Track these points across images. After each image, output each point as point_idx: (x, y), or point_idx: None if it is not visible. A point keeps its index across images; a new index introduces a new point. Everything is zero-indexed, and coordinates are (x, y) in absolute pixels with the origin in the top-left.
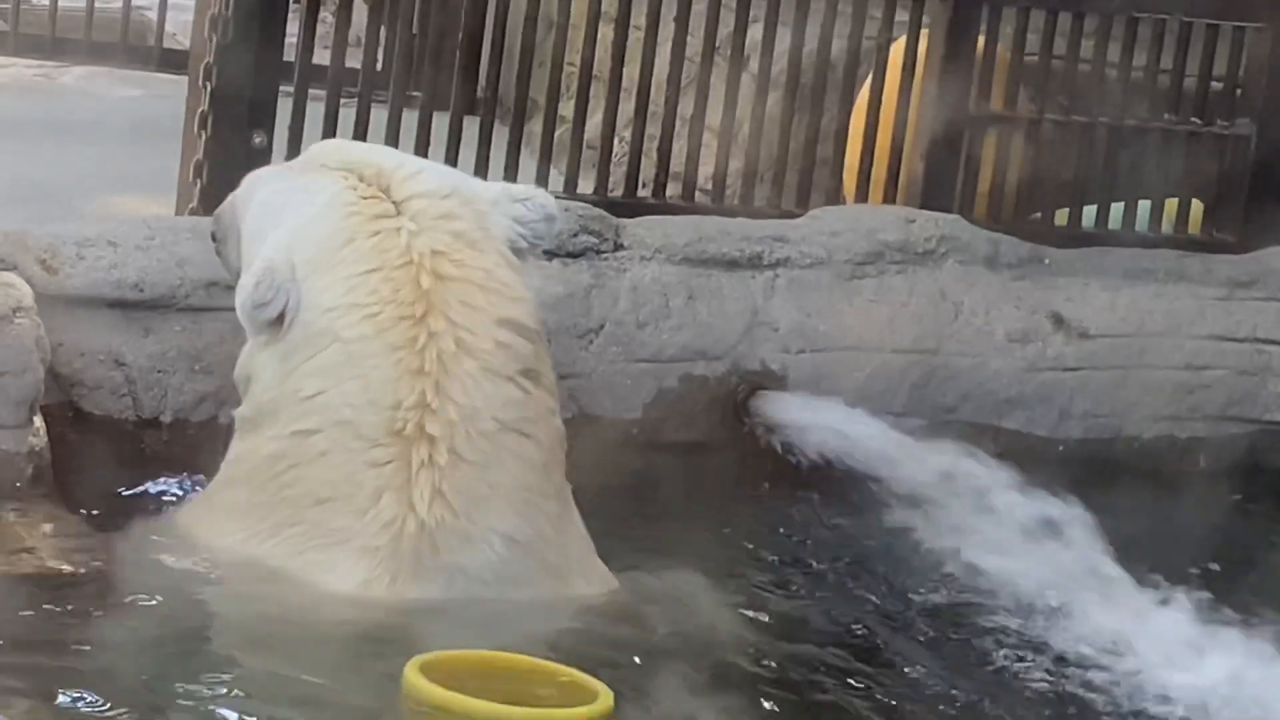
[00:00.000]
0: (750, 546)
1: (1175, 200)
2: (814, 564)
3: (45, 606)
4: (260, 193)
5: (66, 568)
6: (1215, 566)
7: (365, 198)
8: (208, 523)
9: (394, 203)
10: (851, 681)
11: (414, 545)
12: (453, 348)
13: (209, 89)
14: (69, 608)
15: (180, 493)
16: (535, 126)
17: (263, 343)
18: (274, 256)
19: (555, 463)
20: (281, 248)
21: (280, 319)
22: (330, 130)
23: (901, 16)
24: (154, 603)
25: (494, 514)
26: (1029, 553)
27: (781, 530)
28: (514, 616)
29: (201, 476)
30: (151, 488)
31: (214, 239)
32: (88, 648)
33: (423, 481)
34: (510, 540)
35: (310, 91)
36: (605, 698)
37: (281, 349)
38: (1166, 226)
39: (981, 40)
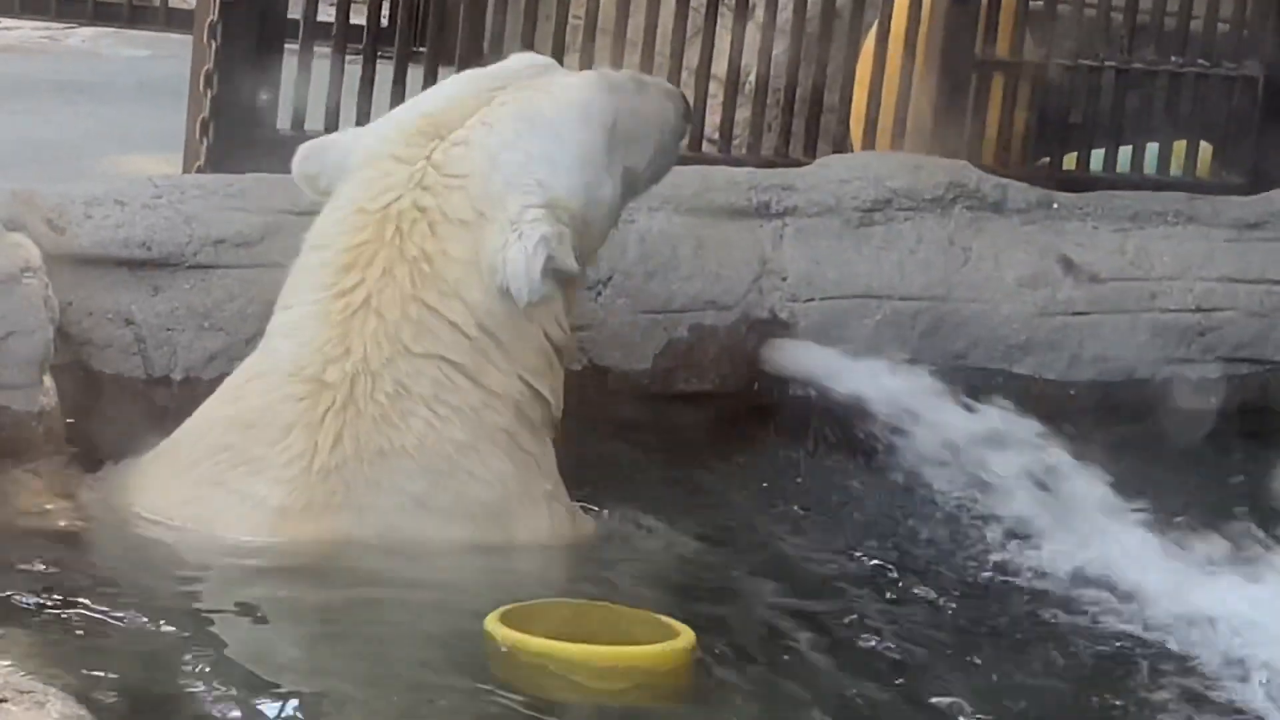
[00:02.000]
0: (756, 494)
1: (1183, 143)
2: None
3: (49, 560)
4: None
5: (71, 525)
6: (1229, 507)
7: (416, 132)
8: (168, 448)
9: (426, 159)
10: (825, 629)
11: (323, 480)
12: (358, 304)
13: (214, 47)
14: (75, 561)
15: None
16: None
17: None
18: (344, 132)
19: (492, 453)
20: (368, 128)
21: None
22: (336, 86)
23: None
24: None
25: (400, 472)
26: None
27: (786, 479)
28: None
29: None
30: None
31: None
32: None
33: (329, 424)
34: (420, 502)
35: (315, 49)
36: (686, 635)
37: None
38: (1175, 169)
39: None
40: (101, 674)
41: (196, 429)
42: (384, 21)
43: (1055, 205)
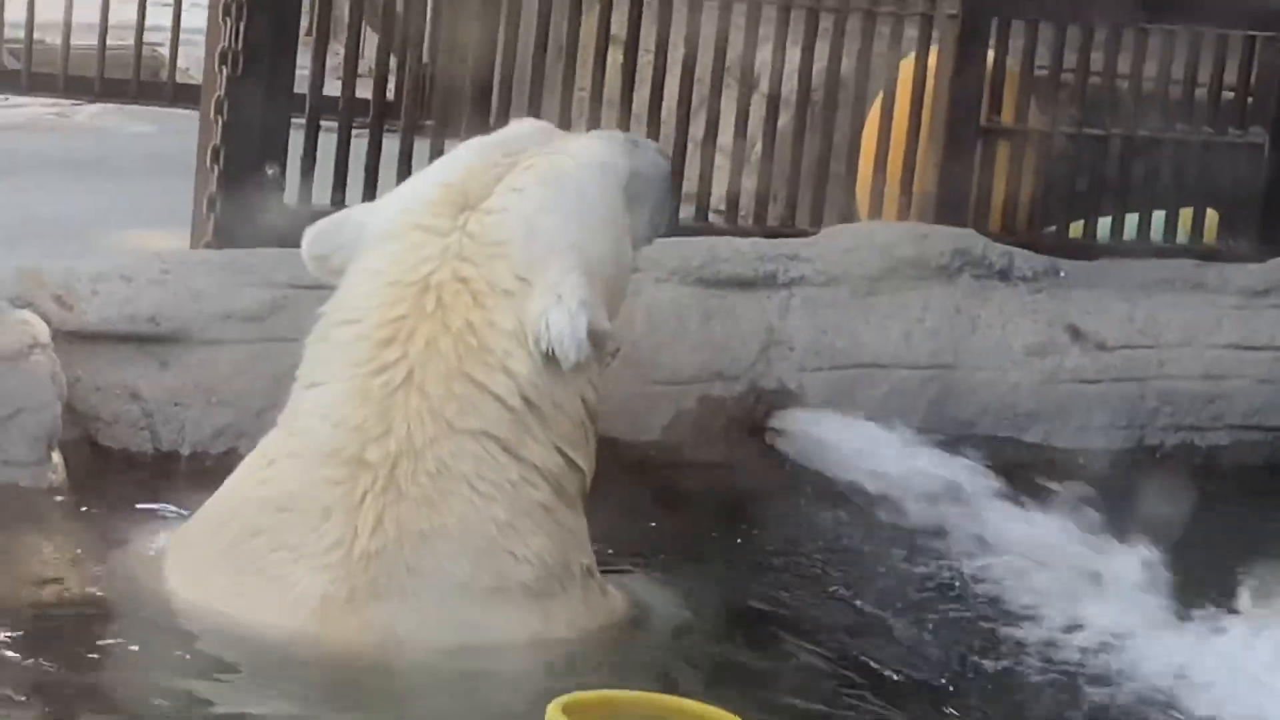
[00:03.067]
0: (765, 560)
1: (1190, 210)
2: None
3: (66, 637)
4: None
5: (88, 597)
6: (1240, 573)
7: (440, 202)
8: (197, 530)
9: (455, 225)
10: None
11: (364, 566)
12: (400, 380)
13: (221, 122)
14: (94, 636)
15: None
16: None
17: None
18: (353, 208)
19: (531, 530)
20: (379, 203)
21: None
22: (342, 161)
23: (911, 33)
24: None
25: (442, 555)
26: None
27: (798, 544)
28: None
29: None
30: (171, 521)
31: None
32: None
33: (367, 508)
34: (462, 587)
35: (322, 123)
36: None
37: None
38: (1182, 236)
39: (991, 54)
40: None
41: (227, 510)
42: (390, 95)
43: (1062, 273)
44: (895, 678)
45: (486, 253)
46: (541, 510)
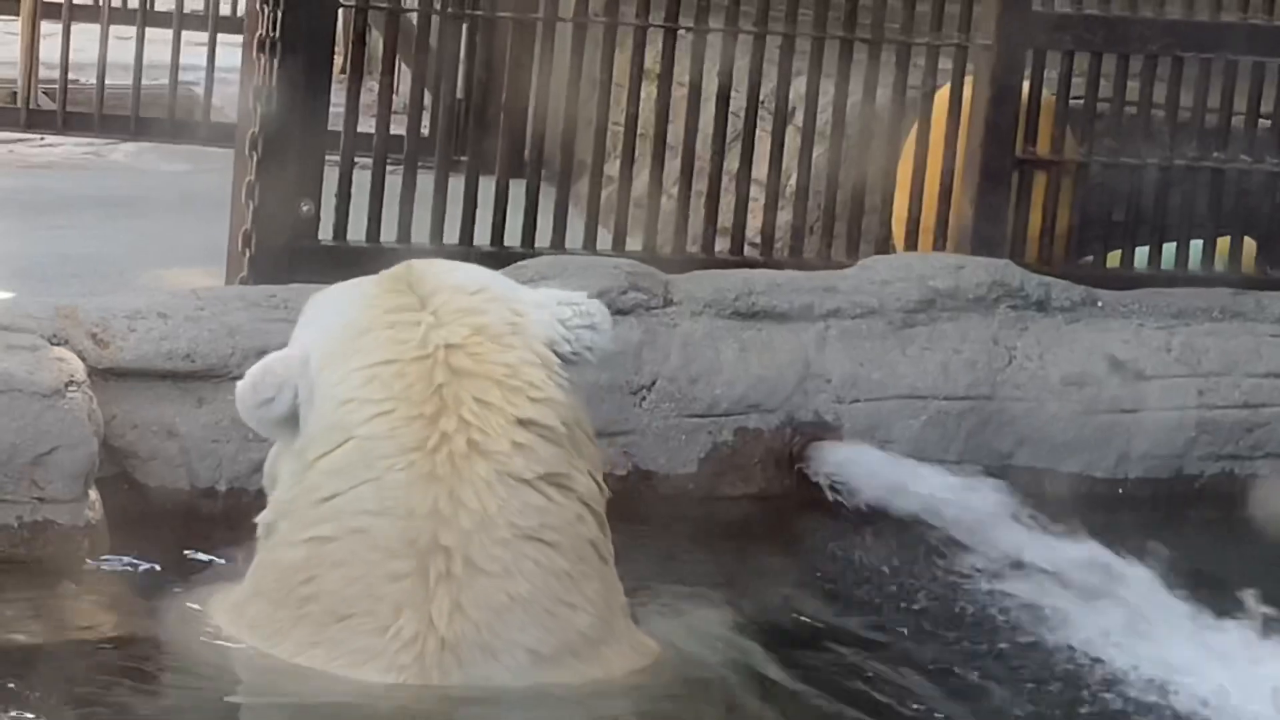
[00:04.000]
0: (802, 591)
1: (1227, 239)
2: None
3: (101, 675)
4: (306, 306)
5: (123, 635)
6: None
7: (388, 291)
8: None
9: (418, 296)
10: None
11: (438, 662)
12: (465, 449)
13: (255, 159)
14: (125, 676)
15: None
16: (582, 187)
17: (282, 446)
18: (273, 356)
19: (588, 574)
20: (294, 344)
21: (295, 419)
22: (377, 197)
23: (945, 64)
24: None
25: (515, 626)
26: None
27: (835, 575)
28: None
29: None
30: (209, 558)
31: None
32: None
33: (441, 595)
34: (534, 654)
35: (356, 159)
36: None
37: (298, 445)
38: (1219, 265)
39: (1026, 85)
40: None
41: (271, 628)
42: (424, 131)
43: (1100, 303)
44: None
45: (478, 300)
46: (591, 548)
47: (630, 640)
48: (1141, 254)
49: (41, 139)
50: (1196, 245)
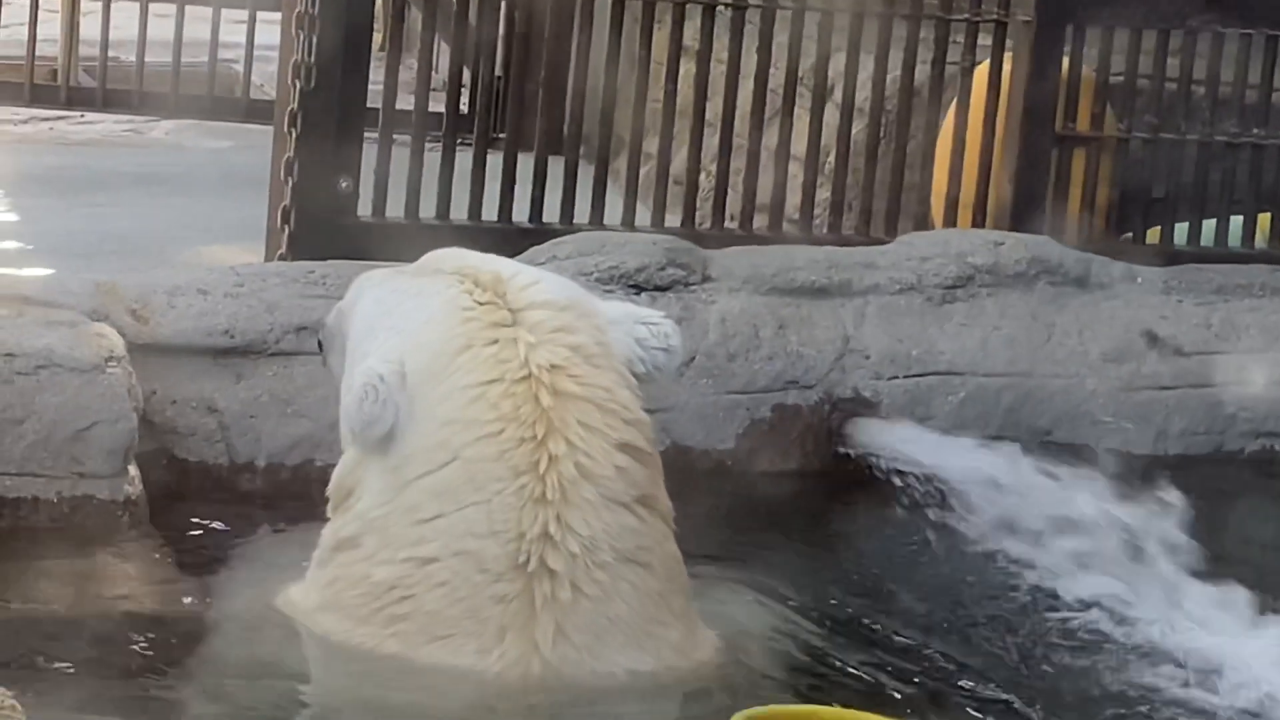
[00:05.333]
0: (843, 568)
1: (1268, 215)
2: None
3: (141, 646)
4: (369, 295)
5: (163, 610)
6: None
7: (481, 303)
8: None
9: (510, 310)
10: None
11: (541, 680)
12: (574, 473)
13: (294, 135)
14: (167, 647)
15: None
16: (620, 164)
17: (371, 457)
18: (378, 368)
19: (674, 590)
20: (390, 356)
21: (390, 433)
22: (415, 173)
23: (985, 40)
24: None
25: (614, 648)
26: (1121, 572)
27: (875, 552)
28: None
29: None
30: (247, 533)
31: (320, 348)
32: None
33: (545, 619)
34: (633, 673)
35: (395, 136)
36: None
37: (393, 461)
38: (1260, 241)
39: (1066, 61)
40: None
41: (354, 637)
42: (463, 108)
43: (1139, 279)
44: (983, 689)
45: (568, 319)
46: (675, 562)
47: (697, 637)
48: (1181, 230)
49: (82, 116)
50: (1236, 221)
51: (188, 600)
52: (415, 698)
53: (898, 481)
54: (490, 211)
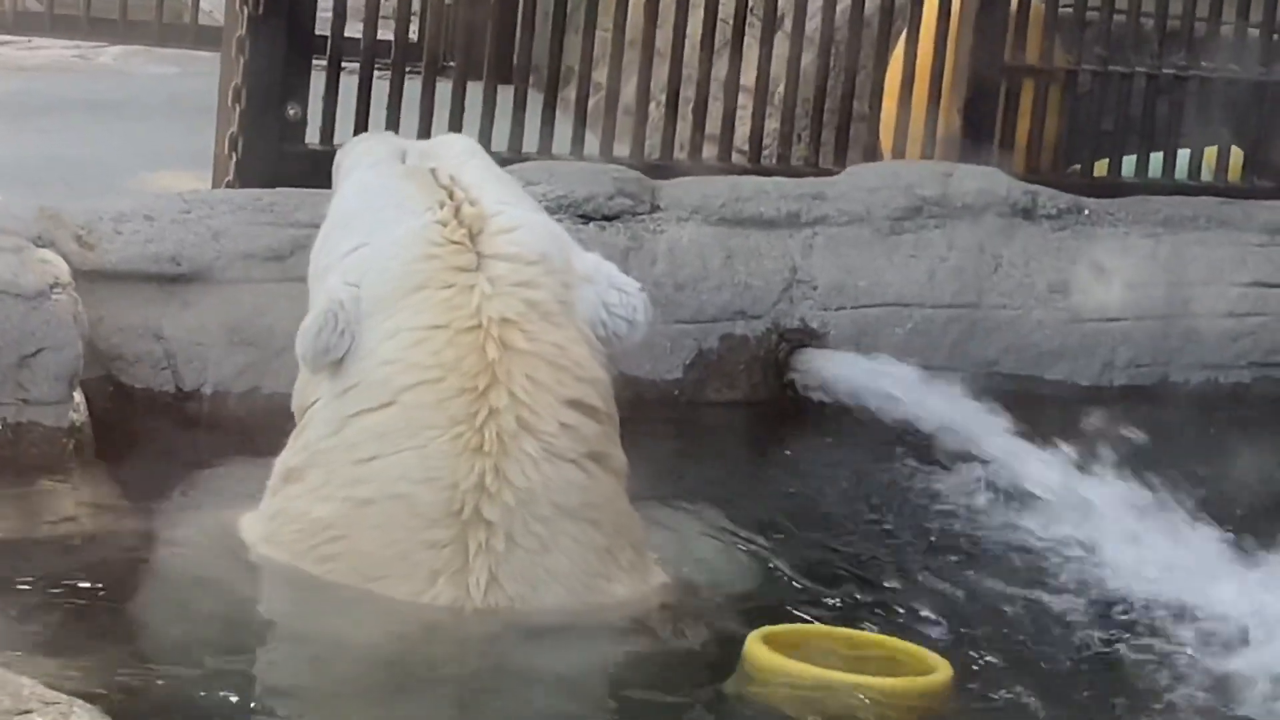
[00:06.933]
0: (791, 498)
1: (1215, 148)
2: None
3: (87, 567)
4: (359, 174)
5: (107, 532)
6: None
7: (451, 240)
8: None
9: (477, 255)
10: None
11: (474, 620)
12: (514, 426)
13: (242, 62)
14: (111, 567)
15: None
16: (570, 93)
17: (319, 377)
18: (340, 293)
19: (622, 545)
20: (351, 278)
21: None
22: (364, 102)
23: None
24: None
25: (551, 599)
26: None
27: (822, 482)
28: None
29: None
30: (194, 460)
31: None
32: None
33: (479, 567)
34: (571, 615)
35: (343, 64)
36: (944, 669)
37: (338, 387)
38: (1206, 174)
39: None
40: (134, 686)
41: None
42: (412, 36)
43: (1086, 211)
44: (930, 614)
45: (534, 272)
46: (627, 517)
47: (653, 584)
48: (1129, 162)
49: (29, 41)
50: (1184, 154)
51: (132, 524)
52: (349, 628)
53: (844, 412)
54: None
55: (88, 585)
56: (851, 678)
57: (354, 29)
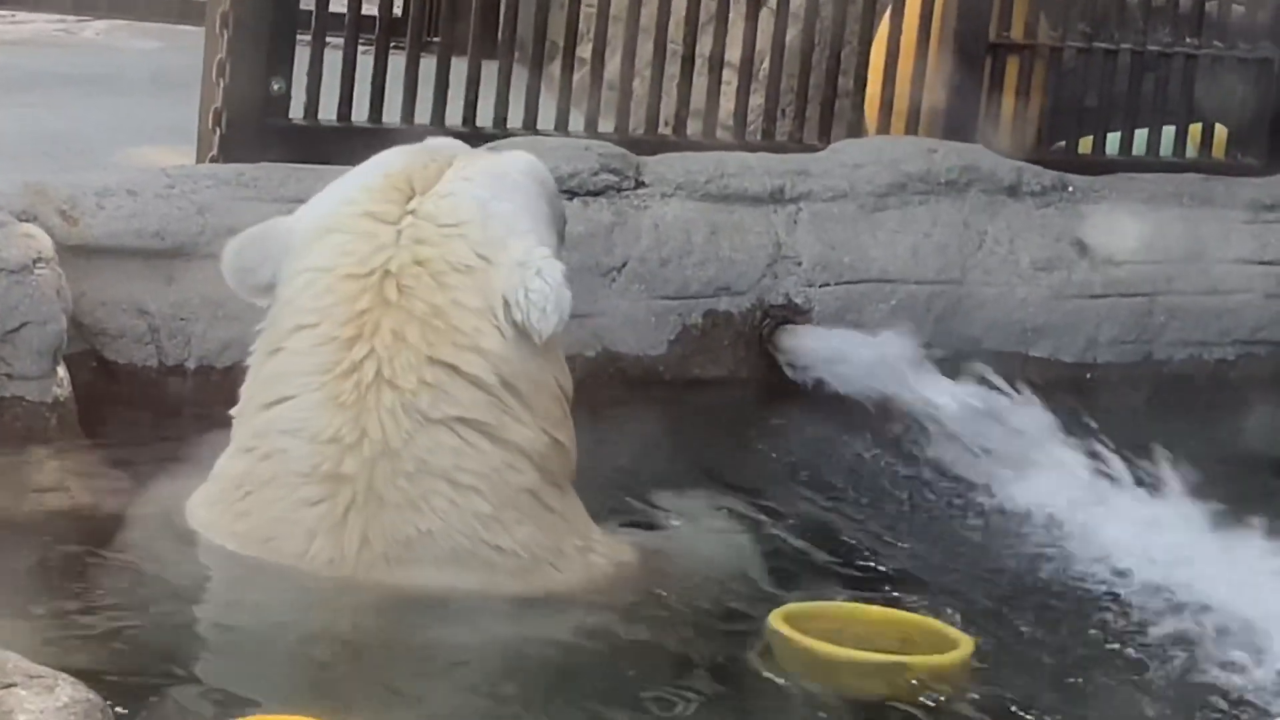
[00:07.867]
0: (776, 474)
1: (1199, 125)
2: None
3: (67, 541)
4: None
5: (93, 504)
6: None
7: (383, 191)
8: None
9: (404, 211)
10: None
11: (350, 587)
12: (370, 379)
13: (226, 37)
14: (91, 541)
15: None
16: (554, 69)
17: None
18: (285, 220)
19: (516, 519)
20: (299, 213)
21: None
22: (348, 77)
23: None
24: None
25: (429, 562)
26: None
27: (806, 457)
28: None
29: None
30: (177, 435)
31: None
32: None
33: (353, 524)
34: (452, 589)
35: (328, 39)
36: (966, 644)
37: (266, 327)
38: (1191, 151)
39: None
40: (117, 659)
41: (204, 548)
42: (397, 11)
43: (1070, 188)
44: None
45: (443, 233)
46: (528, 496)
47: (590, 576)
48: (1113, 139)
49: (13, 15)
50: (1169, 131)
51: (114, 499)
52: (251, 596)
53: (827, 388)
54: (423, 115)
55: (73, 557)
56: (874, 656)
57: (338, 4)
